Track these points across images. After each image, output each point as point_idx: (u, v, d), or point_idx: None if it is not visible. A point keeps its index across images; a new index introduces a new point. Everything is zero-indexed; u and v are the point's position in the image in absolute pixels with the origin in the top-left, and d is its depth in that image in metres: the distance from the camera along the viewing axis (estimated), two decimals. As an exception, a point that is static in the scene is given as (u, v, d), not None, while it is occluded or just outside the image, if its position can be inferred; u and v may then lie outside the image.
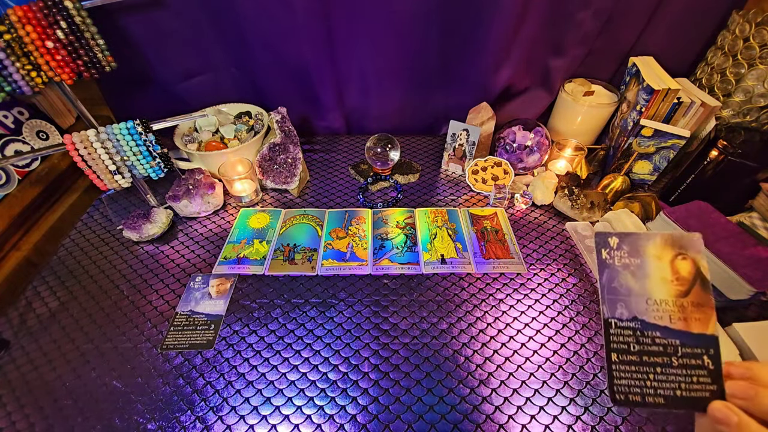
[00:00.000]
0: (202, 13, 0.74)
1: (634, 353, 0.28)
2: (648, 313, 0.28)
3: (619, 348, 0.28)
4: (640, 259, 0.29)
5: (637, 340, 0.28)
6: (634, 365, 0.28)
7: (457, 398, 0.51)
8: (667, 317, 0.28)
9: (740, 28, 0.70)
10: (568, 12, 0.75)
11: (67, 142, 0.63)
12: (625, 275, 0.29)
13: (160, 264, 0.68)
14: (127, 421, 0.49)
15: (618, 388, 0.27)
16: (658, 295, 0.28)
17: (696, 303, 0.28)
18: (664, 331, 0.28)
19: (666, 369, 0.27)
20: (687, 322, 0.28)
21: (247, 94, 0.89)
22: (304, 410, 0.50)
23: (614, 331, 0.28)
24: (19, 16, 0.57)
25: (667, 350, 0.28)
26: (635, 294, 0.29)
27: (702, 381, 0.27)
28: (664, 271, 0.29)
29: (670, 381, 0.27)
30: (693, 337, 0.27)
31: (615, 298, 0.29)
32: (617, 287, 0.29)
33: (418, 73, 0.85)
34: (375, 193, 0.83)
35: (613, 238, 0.30)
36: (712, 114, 0.72)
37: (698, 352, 0.27)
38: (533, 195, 0.77)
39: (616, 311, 0.29)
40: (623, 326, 0.28)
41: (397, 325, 0.59)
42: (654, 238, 0.29)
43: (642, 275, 0.29)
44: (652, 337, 0.28)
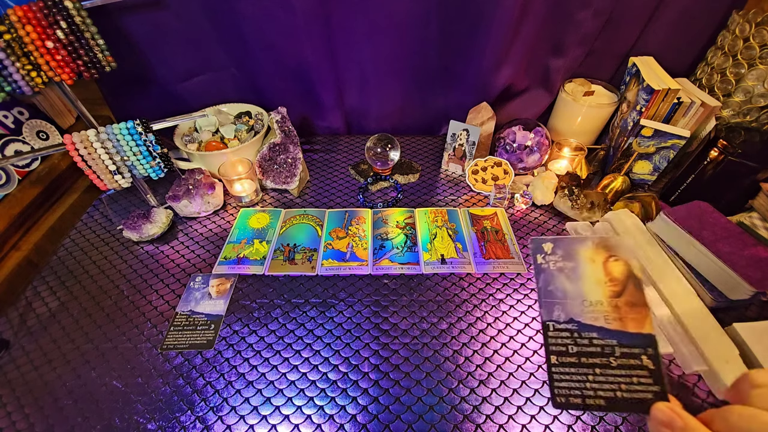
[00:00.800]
0: (202, 13, 0.74)
1: (573, 354, 0.28)
2: (584, 314, 0.28)
3: (558, 350, 0.28)
4: (574, 262, 0.30)
5: (574, 341, 0.28)
6: (573, 367, 0.28)
7: (457, 398, 0.51)
8: (603, 318, 0.28)
9: (740, 28, 0.70)
10: (568, 12, 0.75)
11: (67, 142, 0.63)
12: (560, 278, 0.30)
13: (160, 264, 0.68)
14: (127, 421, 0.49)
15: (558, 391, 0.27)
16: (593, 297, 0.29)
17: (630, 303, 0.28)
18: (600, 331, 0.28)
19: (605, 370, 0.27)
20: (623, 322, 0.28)
21: (247, 94, 0.89)
22: (304, 410, 0.50)
23: (552, 333, 0.29)
24: (19, 16, 0.57)
25: (605, 350, 0.27)
26: (571, 296, 0.29)
27: (643, 382, 0.26)
28: (598, 272, 0.29)
29: (609, 382, 0.27)
30: (629, 337, 0.27)
31: (551, 301, 0.29)
32: (553, 290, 0.30)
33: (418, 72, 0.85)
34: (375, 193, 0.83)
35: (548, 244, 0.31)
36: (712, 114, 0.72)
37: (636, 351, 0.27)
38: (533, 195, 0.77)
39: (553, 314, 0.29)
40: (560, 328, 0.29)
41: (397, 325, 0.59)
42: (586, 242, 0.30)
43: (576, 278, 0.29)
44: (589, 338, 0.28)
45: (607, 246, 0.29)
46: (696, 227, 0.60)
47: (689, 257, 0.61)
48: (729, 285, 0.56)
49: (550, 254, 0.31)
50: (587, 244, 0.30)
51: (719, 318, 0.55)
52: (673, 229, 0.63)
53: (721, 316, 0.55)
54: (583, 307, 0.29)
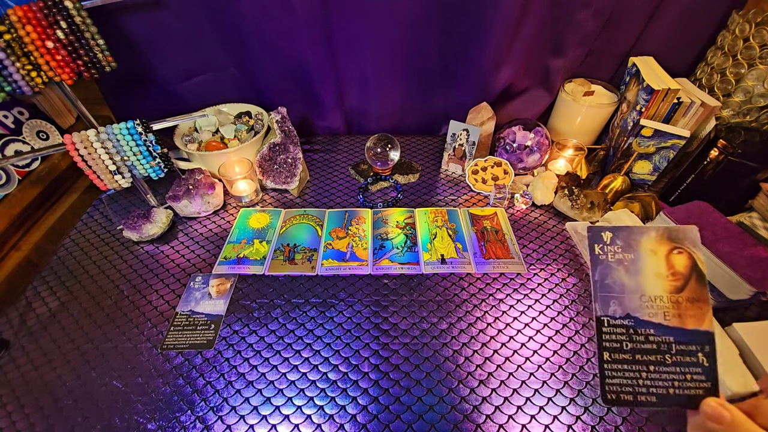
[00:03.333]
0: (202, 13, 0.74)
1: (627, 351, 0.27)
2: (642, 310, 0.28)
3: (612, 347, 0.28)
4: (634, 254, 0.29)
5: (630, 338, 0.27)
6: (626, 364, 0.27)
7: (457, 398, 0.51)
8: (662, 314, 0.27)
9: (740, 28, 0.70)
10: (568, 12, 0.75)
11: (67, 142, 0.63)
12: (618, 271, 0.29)
13: (160, 264, 0.68)
14: (127, 421, 0.49)
15: (609, 388, 0.27)
16: (653, 292, 0.28)
17: (691, 299, 0.27)
18: (658, 328, 0.27)
19: (659, 367, 0.27)
20: (682, 319, 0.27)
21: (247, 94, 0.89)
22: (304, 410, 0.50)
23: (607, 329, 0.28)
24: (19, 16, 0.57)
25: (661, 348, 0.27)
26: (629, 291, 0.28)
27: (696, 378, 0.26)
28: (659, 266, 0.28)
29: (663, 379, 0.26)
30: (688, 334, 0.27)
31: (608, 295, 0.28)
32: (610, 284, 0.28)
33: (418, 73, 0.85)
34: (375, 193, 0.83)
35: (607, 233, 0.29)
36: (712, 114, 0.72)
37: (693, 349, 0.27)
38: (533, 195, 0.77)
39: (609, 308, 0.28)
40: (616, 324, 0.28)
41: (397, 325, 0.59)
42: (649, 232, 0.29)
43: (635, 271, 0.28)
44: (645, 335, 0.27)
45: (672, 237, 0.28)
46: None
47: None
48: (729, 285, 0.56)
49: (609, 244, 0.29)
50: (650, 234, 0.29)
51: (719, 318, 0.55)
52: (673, 229, 0.63)
53: (721, 316, 0.55)
54: (641, 302, 0.28)
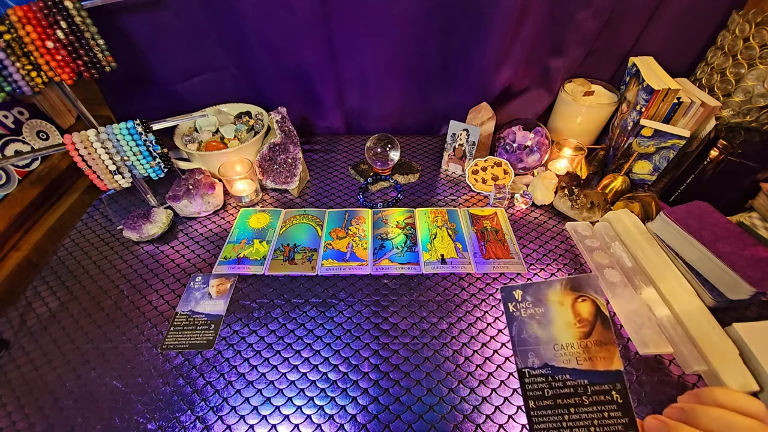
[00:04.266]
0: (202, 13, 0.74)
1: (549, 398, 0.29)
2: (557, 358, 0.30)
3: (535, 395, 0.30)
4: (543, 307, 0.31)
5: (549, 385, 0.29)
6: (550, 409, 0.29)
7: (457, 398, 0.51)
8: (575, 359, 0.29)
9: (740, 28, 0.70)
10: (568, 12, 0.75)
11: (67, 142, 0.63)
12: (532, 325, 0.31)
13: (160, 264, 0.68)
14: (127, 421, 0.49)
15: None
16: (564, 340, 0.30)
17: (599, 342, 0.29)
18: (572, 372, 0.29)
19: (578, 408, 0.29)
20: (593, 362, 0.29)
21: (247, 94, 0.89)
22: (304, 410, 0.50)
23: (528, 379, 0.30)
24: (19, 16, 0.57)
25: (578, 390, 0.29)
26: (543, 342, 0.30)
27: (613, 415, 0.28)
28: (567, 315, 0.30)
29: (583, 419, 0.28)
30: (600, 375, 0.29)
31: (525, 348, 0.31)
32: (526, 338, 0.31)
33: (418, 73, 0.85)
34: (375, 193, 0.83)
35: (518, 291, 0.32)
36: (712, 114, 0.72)
37: (606, 388, 0.28)
38: (533, 195, 0.77)
39: (528, 361, 0.30)
40: (536, 374, 0.30)
41: (397, 325, 0.59)
42: (554, 285, 0.31)
43: (547, 322, 0.31)
44: (563, 380, 0.29)
45: (574, 286, 0.31)
46: (696, 227, 0.60)
47: (689, 257, 0.61)
48: (729, 285, 0.56)
49: (520, 301, 0.32)
50: (555, 286, 0.31)
51: (719, 318, 0.55)
52: (672, 229, 0.63)
53: (721, 316, 0.55)
54: (555, 351, 0.30)
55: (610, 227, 0.70)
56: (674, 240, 0.63)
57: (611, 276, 0.63)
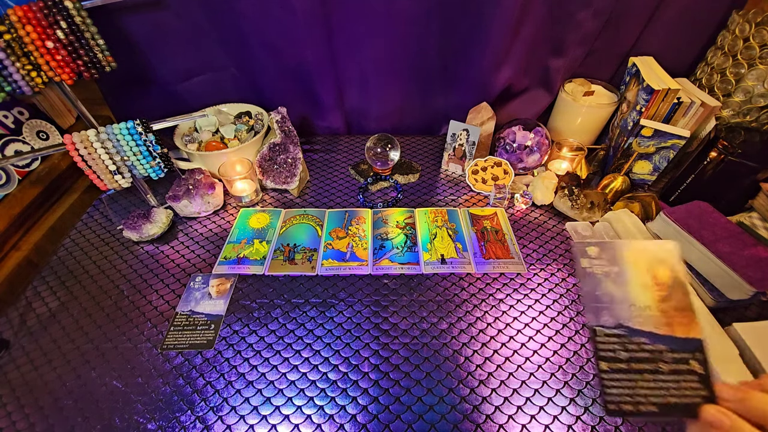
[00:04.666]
0: (202, 13, 0.74)
1: (623, 361, 0.28)
2: (632, 319, 0.28)
3: (608, 356, 0.28)
4: (619, 266, 0.29)
5: (624, 347, 0.28)
6: (623, 373, 0.27)
7: (457, 398, 0.51)
8: (652, 323, 0.28)
9: (740, 28, 0.70)
10: (568, 12, 0.75)
11: (67, 142, 0.63)
12: (606, 283, 0.29)
13: (160, 264, 0.68)
14: (127, 421, 0.49)
15: (610, 398, 0.27)
16: (641, 301, 0.28)
17: (678, 308, 0.28)
18: (650, 336, 0.28)
19: (656, 375, 0.27)
20: (672, 327, 0.28)
21: (247, 94, 0.89)
22: (304, 410, 0.50)
23: (601, 338, 0.28)
24: (19, 16, 0.57)
25: (655, 356, 0.27)
26: (618, 301, 0.29)
27: (692, 387, 0.26)
28: (645, 277, 0.29)
29: (660, 387, 0.27)
30: (679, 342, 0.27)
31: (598, 306, 0.29)
32: (600, 295, 0.29)
33: (418, 73, 0.85)
34: (375, 193, 0.83)
35: (592, 248, 0.30)
36: (712, 114, 0.72)
37: (686, 356, 0.27)
38: (533, 195, 0.77)
39: (601, 318, 0.29)
40: (609, 333, 0.28)
41: (397, 325, 0.59)
42: (633, 247, 0.30)
43: (623, 282, 0.29)
44: (638, 344, 0.28)
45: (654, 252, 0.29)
46: (696, 227, 0.60)
47: (689, 257, 0.61)
48: (729, 285, 0.56)
49: (594, 258, 0.30)
50: (632, 247, 0.30)
51: (719, 318, 0.55)
52: (672, 229, 0.63)
53: (721, 316, 0.55)
54: (631, 311, 0.28)
55: (610, 227, 0.70)
56: (674, 240, 0.63)
57: (611, 276, 0.63)
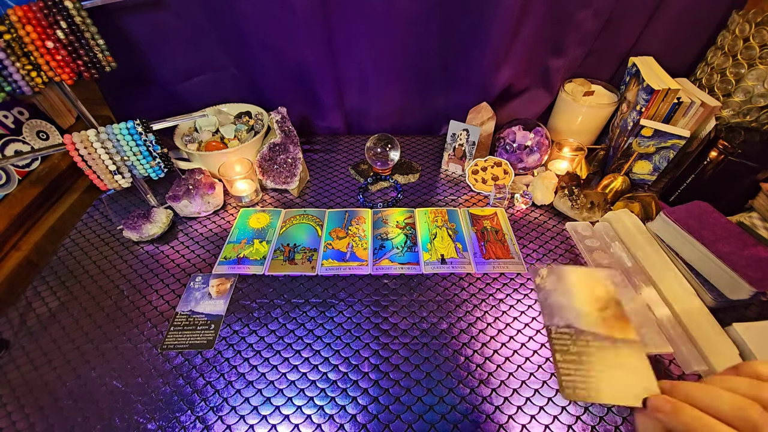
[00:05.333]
0: (202, 13, 0.74)
1: (574, 353, 0.32)
2: (578, 322, 0.33)
3: (561, 349, 0.32)
4: (564, 285, 0.36)
5: (574, 342, 0.32)
6: (576, 363, 0.31)
7: (457, 398, 0.51)
8: (594, 325, 0.33)
9: (740, 28, 0.70)
10: (568, 12, 0.75)
11: (67, 142, 0.63)
12: (555, 295, 0.35)
13: (160, 264, 0.68)
14: (127, 421, 0.49)
15: (566, 383, 0.30)
16: (583, 309, 0.34)
17: (615, 316, 0.33)
18: (594, 336, 0.32)
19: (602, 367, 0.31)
20: (611, 330, 0.32)
21: (247, 94, 0.89)
22: (304, 410, 0.50)
23: (555, 335, 0.33)
24: (19, 16, 0.57)
25: (600, 352, 0.31)
26: (565, 308, 0.34)
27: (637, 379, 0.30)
28: (585, 292, 0.35)
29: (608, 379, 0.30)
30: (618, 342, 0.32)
31: (551, 311, 0.34)
32: (551, 303, 0.35)
33: (418, 73, 0.85)
34: (375, 193, 0.83)
35: (544, 269, 0.37)
36: (712, 114, 0.72)
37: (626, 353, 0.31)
38: (533, 195, 0.77)
39: (554, 319, 0.34)
40: (561, 331, 0.33)
41: (397, 325, 0.59)
42: (576, 271, 0.36)
43: (569, 295, 0.35)
44: (585, 340, 0.32)
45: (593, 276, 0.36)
46: (696, 227, 0.60)
47: (689, 257, 0.61)
48: (729, 285, 0.56)
49: (544, 278, 0.36)
50: (576, 271, 0.36)
51: (719, 318, 0.55)
52: (672, 229, 0.63)
53: (721, 316, 0.55)
54: (577, 315, 0.33)
55: (610, 227, 0.70)
56: (674, 240, 0.63)
57: (611, 276, 0.63)
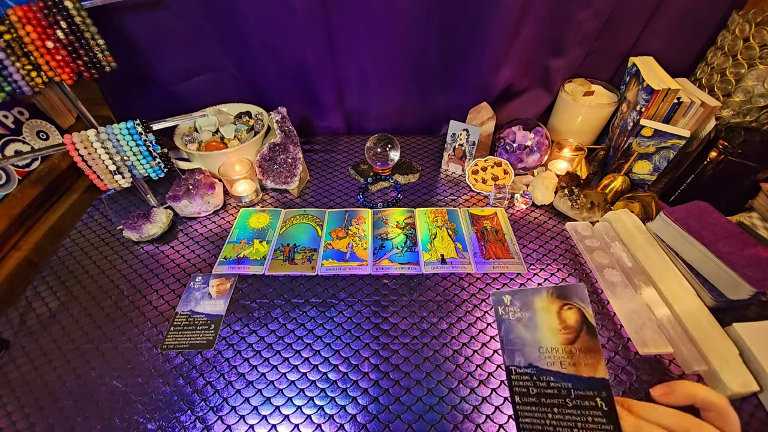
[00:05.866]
0: (202, 13, 0.74)
1: (533, 395, 0.30)
2: (541, 360, 0.31)
3: (520, 391, 0.31)
4: (530, 312, 0.32)
5: (534, 384, 0.30)
6: (534, 406, 0.30)
7: (457, 398, 0.51)
8: (558, 363, 0.30)
9: (740, 28, 0.70)
10: (568, 12, 0.75)
11: (67, 142, 0.63)
12: (519, 328, 0.32)
13: (160, 264, 0.68)
14: (127, 421, 0.49)
15: (523, 426, 0.30)
16: (549, 344, 0.31)
17: (584, 349, 0.30)
18: (556, 375, 0.30)
19: (562, 410, 0.29)
20: (577, 367, 0.30)
21: (247, 94, 0.89)
22: (304, 410, 0.50)
23: (515, 376, 0.31)
24: (19, 16, 0.57)
25: (561, 393, 0.30)
26: (529, 344, 0.31)
27: (597, 421, 0.28)
28: (552, 321, 0.31)
29: (567, 420, 0.29)
30: (584, 381, 0.29)
31: (512, 348, 0.32)
32: (513, 339, 0.32)
33: (418, 73, 0.85)
34: (375, 193, 0.83)
35: (507, 296, 0.33)
36: (712, 114, 0.72)
37: (590, 394, 0.29)
38: (533, 195, 0.77)
39: (515, 360, 0.32)
40: (521, 372, 0.31)
41: (397, 325, 0.59)
42: (541, 293, 0.32)
43: (533, 326, 0.32)
44: (546, 381, 0.30)
45: (561, 295, 0.31)
46: (696, 227, 0.60)
47: (689, 257, 0.61)
48: (729, 285, 0.56)
49: (509, 305, 0.33)
50: (542, 294, 0.32)
51: (719, 318, 0.55)
52: (672, 229, 0.63)
53: (721, 316, 0.55)
54: (539, 353, 0.31)
55: (610, 227, 0.70)
56: (674, 240, 0.63)
57: (611, 276, 0.63)
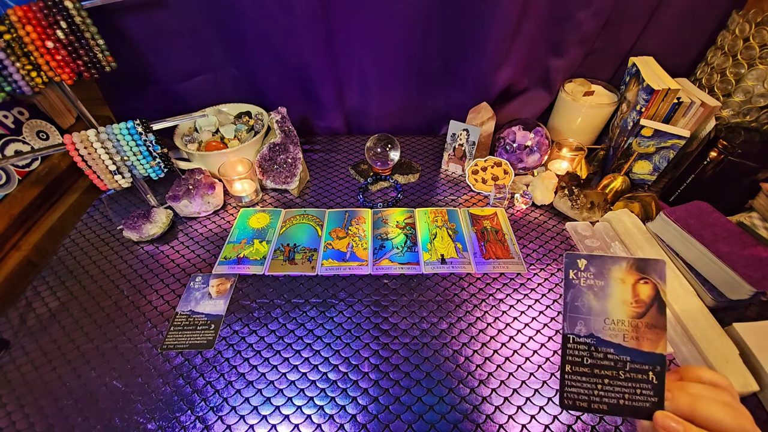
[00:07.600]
0: (202, 13, 0.74)
1: (587, 366, 0.30)
2: (604, 331, 0.31)
3: (574, 360, 0.31)
4: (604, 281, 0.31)
5: (590, 354, 0.30)
6: (585, 376, 0.30)
7: (457, 398, 0.51)
8: (621, 336, 0.30)
9: (740, 28, 0.70)
10: (568, 12, 0.75)
11: (67, 142, 0.63)
12: (588, 295, 0.31)
13: (160, 264, 0.68)
14: (127, 421, 0.49)
15: (567, 395, 0.30)
16: (616, 316, 0.31)
17: (650, 324, 0.30)
18: (617, 348, 0.30)
19: (614, 381, 0.30)
20: (639, 341, 0.30)
21: (247, 94, 0.89)
22: (304, 410, 0.50)
23: (571, 345, 0.31)
24: (19, 16, 0.57)
25: (617, 365, 0.30)
26: (595, 313, 0.31)
27: (645, 393, 0.29)
28: (625, 293, 0.31)
29: (615, 391, 0.29)
30: (642, 355, 0.30)
31: (576, 316, 0.31)
32: (579, 306, 0.31)
33: (418, 73, 0.85)
34: (375, 193, 0.83)
35: (582, 260, 0.32)
36: (712, 114, 0.72)
37: (645, 368, 0.29)
38: (533, 195, 0.77)
39: (575, 328, 0.31)
40: (580, 341, 0.31)
41: (397, 325, 0.59)
42: (620, 262, 0.31)
43: (604, 296, 0.31)
44: (604, 353, 0.30)
45: (640, 268, 0.31)
46: (696, 227, 0.60)
47: (689, 257, 0.61)
48: (729, 285, 0.56)
49: (582, 270, 0.32)
50: (621, 264, 0.31)
51: (719, 318, 0.55)
52: (672, 229, 0.63)
53: (721, 316, 0.55)
54: (604, 324, 0.31)
55: (610, 227, 0.70)
56: (674, 240, 0.63)
57: (611, 276, 0.63)
